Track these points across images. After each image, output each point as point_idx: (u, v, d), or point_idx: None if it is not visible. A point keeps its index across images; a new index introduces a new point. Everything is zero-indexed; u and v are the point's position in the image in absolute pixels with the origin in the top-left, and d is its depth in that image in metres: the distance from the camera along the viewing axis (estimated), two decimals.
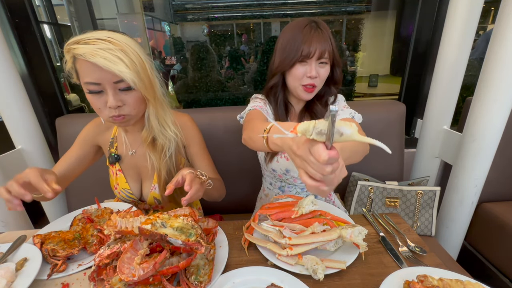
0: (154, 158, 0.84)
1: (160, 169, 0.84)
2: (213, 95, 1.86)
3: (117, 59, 0.64)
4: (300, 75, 0.83)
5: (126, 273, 0.50)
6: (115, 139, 0.92)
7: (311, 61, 0.81)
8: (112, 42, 0.65)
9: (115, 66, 0.64)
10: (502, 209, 1.23)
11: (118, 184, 0.91)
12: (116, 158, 0.89)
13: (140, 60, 0.70)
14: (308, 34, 0.79)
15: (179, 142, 0.88)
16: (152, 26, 1.86)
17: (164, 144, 0.83)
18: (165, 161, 0.84)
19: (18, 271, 0.61)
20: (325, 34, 0.80)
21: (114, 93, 0.69)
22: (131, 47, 0.68)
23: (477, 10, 1.14)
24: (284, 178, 0.99)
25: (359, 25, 1.82)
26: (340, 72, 0.89)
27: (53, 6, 1.85)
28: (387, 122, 1.27)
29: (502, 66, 0.95)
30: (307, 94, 0.87)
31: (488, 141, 1.06)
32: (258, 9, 1.74)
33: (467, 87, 1.52)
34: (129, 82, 0.67)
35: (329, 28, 0.83)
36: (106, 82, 0.67)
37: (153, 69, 0.75)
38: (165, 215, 0.59)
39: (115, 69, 0.64)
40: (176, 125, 0.86)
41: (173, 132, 0.84)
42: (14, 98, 1.20)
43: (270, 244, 0.65)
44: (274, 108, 0.94)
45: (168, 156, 0.84)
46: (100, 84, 0.68)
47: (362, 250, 0.63)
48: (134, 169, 0.91)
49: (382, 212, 1.21)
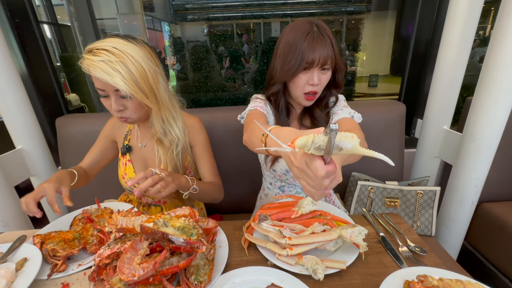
0: (162, 152, 0.89)
1: (167, 164, 0.89)
2: (213, 95, 1.86)
3: (114, 72, 0.70)
4: (303, 84, 0.82)
5: (126, 273, 0.50)
6: (130, 132, 0.99)
7: (314, 69, 0.80)
8: (114, 53, 0.71)
9: (111, 78, 0.70)
10: (502, 209, 1.23)
11: (126, 174, 0.96)
12: (127, 148, 0.96)
13: (141, 69, 0.75)
14: (311, 42, 0.76)
15: (186, 141, 0.93)
16: (152, 26, 1.86)
17: (171, 142, 0.89)
18: (172, 157, 0.90)
19: (18, 271, 0.61)
20: (327, 40, 0.78)
21: (116, 99, 0.77)
22: (133, 57, 0.73)
23: (477, 10, 1.14)
24: (284, 178, 0.99)
25: (359, 25, 1.81)
26: (342, 77, 0.87)
27: (53, 6, 1.85)
28: (387, 122, 1.27)
29: (502, 66, 0.95)
30: (308, 102, 0.86)
31: (488, 141, 1.05)
32: (258, 9, 1.74)
33: (467, 87, 1.52)
34: (126, 92, 0.73)
35: (329, 29, 0.81)
36: (109, 89, 0.76)
37: (157, 76, 0.80)
38: (166, 215, 0.60)
39: (111, 81, 0.70)
40: (185, 126, 0.93)
41: (181, 132, 0.90)
42: (14, 98, 1.20)
43: (270, 244, 0.65)
44: (275, 112, 0.93)
45: (176, 153, 0.90)
46: (104, 90, 0.76)
47: (362, 250, 0.63)
48: (142, 161, 0.96)
49: (382, 212, 1.21)
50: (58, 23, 1.89)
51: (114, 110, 0.79)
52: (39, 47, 1.42)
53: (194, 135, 0.95)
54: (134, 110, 0.81)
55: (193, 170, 1.01)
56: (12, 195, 1.18)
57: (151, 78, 0.77)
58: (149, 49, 0.80)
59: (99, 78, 0.71)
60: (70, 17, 1.79)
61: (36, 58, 1.42)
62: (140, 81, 0.74)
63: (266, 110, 0.92)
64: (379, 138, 1.28)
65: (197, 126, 0.96)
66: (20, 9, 1.35)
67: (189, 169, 0.99)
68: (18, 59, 1.38)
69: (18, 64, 1.38)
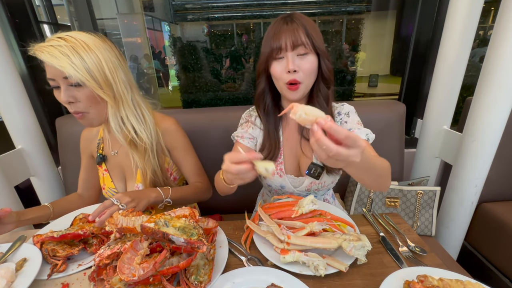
0: (138, 158, 0.84)
1: (145, 169, 0.85)
2: (213, 95, 1.86)
3: (61, 55, 0.66)
4: (279, 73, 0.76)
5: (126, 273, 0.50)
6: (101, 140, 0.93)
7: (287, 54, 0.74)
8: (66, 39, 0.68)
9: (58, 61, 0.66)
10: (502, 209, 1.23)
11: (105, 184, 0.92)
12: (102, 158, 0.91)
13: (95, 58, 0.71)
14: (277, 30, 0.74)
15: (162, 144, 0.88)
16: (152, 26, 1.86)
17: (145, 144, 0.84)
18: (149, 161, 0.85)
19: (18, 271, 0.61)
20: (297, 25, 0.73)
21: (65, 88, 0.71)
22: (87, 45, 0.70)
23: (477, 10, 1.14)
24: (280, 192, 0.94)
25: (359, 25, 1.82)
26: (329, 64, 0.79)
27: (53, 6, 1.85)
28: (387, 122, 1.27)
29: (502, 66, 0.95)
30: (291, 93, 0.78)
31: (488, 141, 1.05)
32: (258, 9, 1.74)
33: (467, 87, 1.52)
34: (72, 77, 0.68)
35: (308, 18, 0.77)
36: (58, 78, 0.70)
37: (116, 69, 0.75)
38: (167, 216, 0.60)
39: (57, 63, 0.66)
40: (157, 127, 0.87)
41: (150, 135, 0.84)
42: (14, 98, 1.20)
43: (270, 235, 0.66)
44: (264, 119, 0.88)
45: (152, 156, 0.85)
46: (54, 79, 0.71)
47: (360, 263, 0.62)
48: (118, 169, 0.92)
49: (382, 212, 1.21)
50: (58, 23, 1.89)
51: (63, 102, 0.72)
52: None
53: (170, 138, 0.90)
54: (87, 103, 0.74)
55: (174, 171, 0.97)
56: (12, 195, 1.18)
57: (107, 68, 0.72)
58: (112, 43, 0.77)
59: (47, 65, 0.67)
60: (70, 17, 1.79)
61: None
62: (92, 68, 0.70)
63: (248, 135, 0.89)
64: (379, 138, 1.27)
65: (172, 128, 0.90)
66: (20, 9, 1.34)
67: (170, 170, 0.95)
68: (18, 59, 1.38)
69: (18, 64, 1.38)
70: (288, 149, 0.89)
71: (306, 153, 0.86)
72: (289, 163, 0.89)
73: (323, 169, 0.82)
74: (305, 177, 0.86)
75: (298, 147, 0.87)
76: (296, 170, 0.89)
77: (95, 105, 0.76)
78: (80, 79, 0.69)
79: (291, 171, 0.89)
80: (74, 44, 0.68)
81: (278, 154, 0.88)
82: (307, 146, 0.86)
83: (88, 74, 0.69)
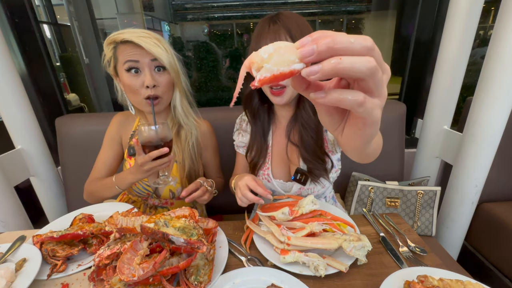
0: (178, 149, 0.91)
1: (184, 159, 0.91)
2: (213, 95, 1.86)
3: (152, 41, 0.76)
4: None
5: (126, 273, 0.50)
6: (135, 133, 0.94)
7: None
8: (149, 33, 0.78)
9: (154, 48, 0.76)
10: (502, 209, 1.23)
11: None
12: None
13: (171, 50, 0.82)
14: (260, 29, 0.72)
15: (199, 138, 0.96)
16: (152, 26, 1.86)
17: (187, 133, 0.91)
18: (188, 150, 0.91)
19: (18, 271, 0.60)
20: (279, 27, 0.69)
21: (150, 72, 0.79)
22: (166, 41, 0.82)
23: (477, 10, 1.14)
24: (274, 195, 0.92)
25: (359, 25, 1.82)
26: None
27: (53, 6, 1.85)
28: (387, 122, 1.26)
29: (502, 66, 0.95)
30: (275, 98, 0.75)
31: (488, 141, 1.05)
32: (258, 9, 1.74)
33: (467, 87, 1.52)
34: (164, 61, 0.78)
35: (300, 18, 0.73)
36: (144, 60, 0.77)
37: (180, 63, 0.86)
38: (167, 216, 0.60)
39: (155, 50, 0.75)
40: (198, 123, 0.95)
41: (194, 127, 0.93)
42: (14, 98, 1.20)
43: (270, 235, 0.66)
44: (252, 122, 0.87)
45: (191, 145, 0.92)
46: (138, 61, 0.77)
47: (360, 263, 0.62)
48: None
49: (382, 212, 1.21)
50: (58, 23, 1.89)
51: (149, 85, 0.77)
52: (38, 47, 1.41)
53: (205, 139, 0.98)
54: (165, 88, 0.81)
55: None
56: (12, 195, 1.18)
57: (177, 60, 0.83)
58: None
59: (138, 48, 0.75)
60: (69, 17, 1.79)
61: (35, 58, 1.42)
62: (171, 59, 0.80)
63: (243, 142, 0.94)
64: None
65: (209, 130, 1.00)
66: (20, 9, 1.34)
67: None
68: (18, 59, 1.38)
69: (18, 64, 1.38)
70: (277, 154, 0.89)
71: (292, 159, 0.85)
72: (278, 168, 0.89)
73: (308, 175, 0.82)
74: (293, 182, 0.86)
75: (286, 152, 0.86)
76: (286, 175, 0.89)
77: (169, 90, 0.84)
78: (170, 62, 0.79)
79: (280, 176, 0.89)
80: (157, 38, 0.78)
81: (265, 159, 0.88)
82: (294, 151, 0.85)
83: (172, 61, 0.80)
